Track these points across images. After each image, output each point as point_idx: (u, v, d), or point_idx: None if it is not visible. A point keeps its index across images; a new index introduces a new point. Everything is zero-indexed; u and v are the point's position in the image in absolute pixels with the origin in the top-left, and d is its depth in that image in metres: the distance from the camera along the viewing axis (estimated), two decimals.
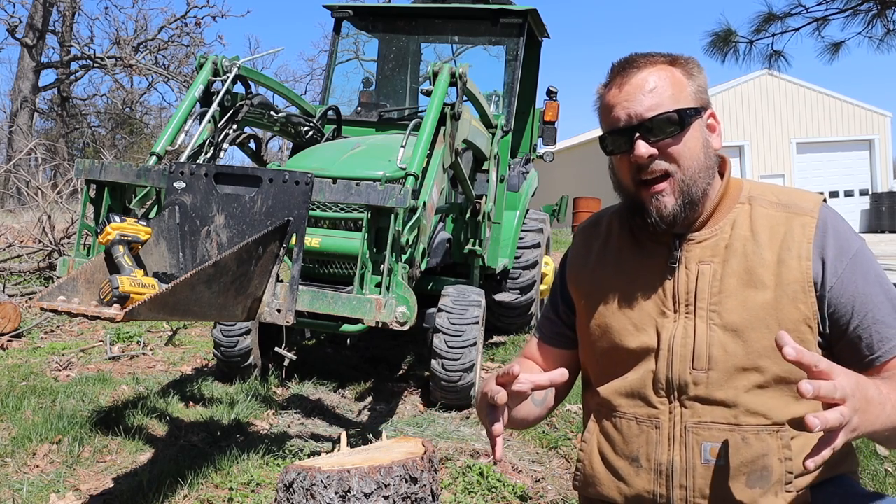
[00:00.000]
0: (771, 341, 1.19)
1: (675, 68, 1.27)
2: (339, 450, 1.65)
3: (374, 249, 2.69)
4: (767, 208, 1.28)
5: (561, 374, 1.22)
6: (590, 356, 1.40)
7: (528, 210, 5.71)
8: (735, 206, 1.30)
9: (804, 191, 1.33)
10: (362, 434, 3.40)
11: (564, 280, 1.49)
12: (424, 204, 2.97)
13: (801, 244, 1.23)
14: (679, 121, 1.22)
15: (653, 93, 1.23)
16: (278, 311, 2.32)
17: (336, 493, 1.32)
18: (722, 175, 1.33)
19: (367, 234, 2.67)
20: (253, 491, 2.72)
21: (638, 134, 1.23)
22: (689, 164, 1.24)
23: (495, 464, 2.46)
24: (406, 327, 2.64)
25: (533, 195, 5.87)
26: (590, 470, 1.37)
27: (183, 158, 3.33)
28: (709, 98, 1.30)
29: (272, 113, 4.11)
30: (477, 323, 3.83)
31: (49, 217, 7.37)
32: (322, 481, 1.33)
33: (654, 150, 1.23)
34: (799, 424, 0.99)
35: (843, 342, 1.22)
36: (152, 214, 3.05)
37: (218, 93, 3.55)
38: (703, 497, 1.23)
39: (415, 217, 2.86)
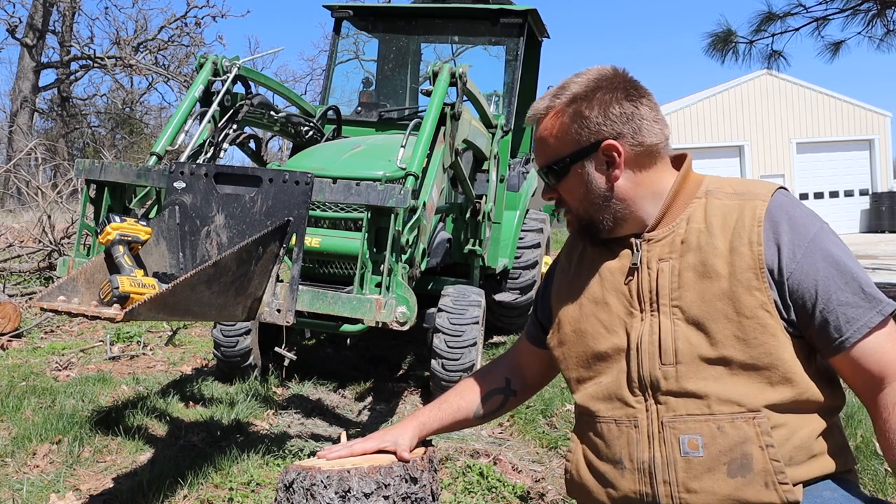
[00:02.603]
0: (732, 330, 1.21)
1: (569, 109, 1.32)
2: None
3: (374, 249, 2.69)
4: (722, 199, 1.29)
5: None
6: (568, 363, 1.43)
7: (528, 210, 5.71)
8: (692, 202, 1.32)
9: (763, 182, 1.34)
10: (362, 434, 3.40)
11: (548, 290, 1.54)
12: (424, 204, 2.97)
13: (752, 229, 1.23)
14: (555, 172, 1.36)
15: (542, 148, 1.38)
16: (278, 311, 2.32)
17: (336, 493, 1.32)
18: (679, 169, 1.35)
19: (367, 234, 2.67)
20: (253, 491, 2.72)
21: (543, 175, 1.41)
22: (573, 204, 1.37)
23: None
24: (406, 327, 2.64)
25: (533, 195, 5.87)
26: (578, 479, 1.40)
27: (183, 158, 3.33)
28: (613, 127, 1.29)
29: (272, 113, 4.11)
30: (477, 323, 3.83)
31: (49, 217, 7.37)
32: (322, 481, 1.33)
33: (552, 194, 1.41)
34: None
35: (812, 328, 1.21)
36: (152, 214, 3.05)
37: (218, 93, 3.55)
38: (688, 491, 1.22)
39: (415, 217, 2.86)
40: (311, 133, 4.55)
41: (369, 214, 2.68)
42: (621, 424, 1.30)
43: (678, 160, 1.38)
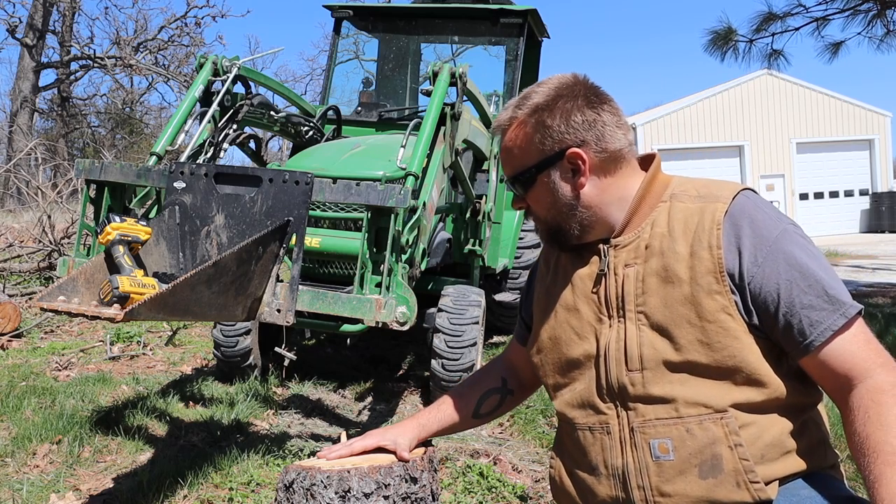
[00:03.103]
0: (695, 335, 1.21)
1: (532, 119, 1.33)
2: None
3: (374, 249, 2.69)
4: (685, 202, 1.29)
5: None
6: (545, 371, 1.44)
7: None
8: (657, 206, 1.31)
9: (728, 182, 1.33)
10: (362, 434, 3.40)
11: (530, 295, 1.54)
12: (424, 204, 2.97)
13: (711, 232, 1.23)
14: (521, 184, 1.37)
15: (508, 158, 1.39)
16: (278, 311, 2.32)
17: (336, 493, 1.32)
18: (647, 171, 1.35)
19: (367, 234, 2.67)
20: (253, 491, 2.72)
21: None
22: (540, 213, 1.38)
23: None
24: (406, 327, 2.64)
25: None
26: (561, 485, 1.41)
27: (183, 158, 3.33)
28: (576, 135, 1.30)
29: (272, 113, 4.11)
30: (477, 323, 3.83)
31: (49, 217, 7.37)
32: (322, 481, 1.33)
33: (521, 203, 1.41)
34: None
35: (777, 331, 1.20)
36: (152, 214, 3.05)
37: (218, 93, 3.55)
38: (662, 494, 1.23)
39: (415, 217, 2.86)
40: (311, 133, 4.55)
41: (369, 214, 2.68)
42: (595, 431, 1.31)
43: (647, 160, 1.38)
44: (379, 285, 2.64)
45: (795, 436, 1.22)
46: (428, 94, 3.28)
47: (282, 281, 2.34)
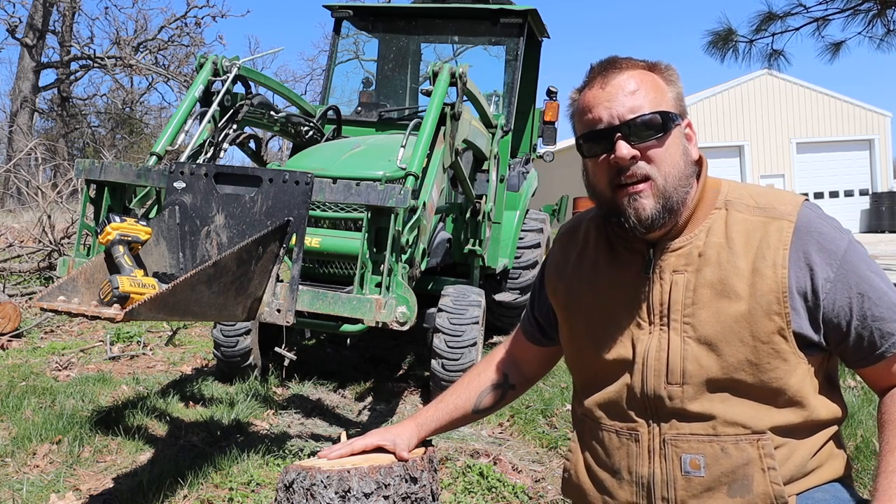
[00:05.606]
0: (745, 354, 1.18)
1: (654, 73, 1.24)
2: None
3: (374, 249, 2.69)
4: (744, 212, 1.24)
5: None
6: (573, 365, 1.42)
7: (528, 210, 5.71)
8: (712, 212, 1.25)
9: (784, 193, 1.28)
10: (362, 434, 3.40)
11: (543, 286, 1.51)
12: (424, 204, 2.97)
13: (777, 251, 1.18)
14: (662, 124, 1.19)
15: (635, 94, 1.19)
16: (278, 311, 2.32)
17: (336, 493, 1.32)
18: (699, 178, 1.28)
19: (367, 234, 2.67)
20: (253, 491, 2.72)
21: (619, 135, 1.18)
22: (670, 171, 1.20)
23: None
24: (406, 327, 2.64)
25: (533, 195, 5.87)
26: (576, 479, 1.38)
27: (183, 158, 3.33)
28: (686, 107, 1.26)
29: (272, 113, 4.11)
30: (477, 323, 3.83)
31: (49, 217, 7.38)
32: (322, 481, 1.32)
33: (635, 152, 1.18)
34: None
35: (845, 344, 1.20)
36: (152, 214, 3.05)
37: (218, 93, 3.55)
38: None
39: (415, 217, 2.86)
40: (311, 133, 4.55)
41: (369, 214, 2.68)
42: (622, 436, 1.28)
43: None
44: (379, 285, 2.64)
45: (821, 454, 1.22)
46: (428, 94, 3.28)
47: (282, 281, 2.34)
